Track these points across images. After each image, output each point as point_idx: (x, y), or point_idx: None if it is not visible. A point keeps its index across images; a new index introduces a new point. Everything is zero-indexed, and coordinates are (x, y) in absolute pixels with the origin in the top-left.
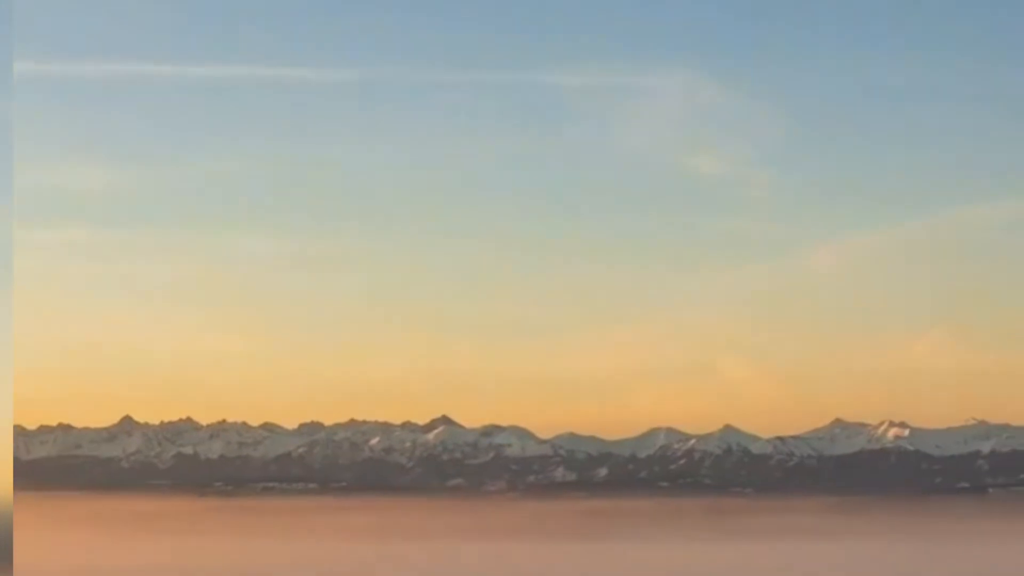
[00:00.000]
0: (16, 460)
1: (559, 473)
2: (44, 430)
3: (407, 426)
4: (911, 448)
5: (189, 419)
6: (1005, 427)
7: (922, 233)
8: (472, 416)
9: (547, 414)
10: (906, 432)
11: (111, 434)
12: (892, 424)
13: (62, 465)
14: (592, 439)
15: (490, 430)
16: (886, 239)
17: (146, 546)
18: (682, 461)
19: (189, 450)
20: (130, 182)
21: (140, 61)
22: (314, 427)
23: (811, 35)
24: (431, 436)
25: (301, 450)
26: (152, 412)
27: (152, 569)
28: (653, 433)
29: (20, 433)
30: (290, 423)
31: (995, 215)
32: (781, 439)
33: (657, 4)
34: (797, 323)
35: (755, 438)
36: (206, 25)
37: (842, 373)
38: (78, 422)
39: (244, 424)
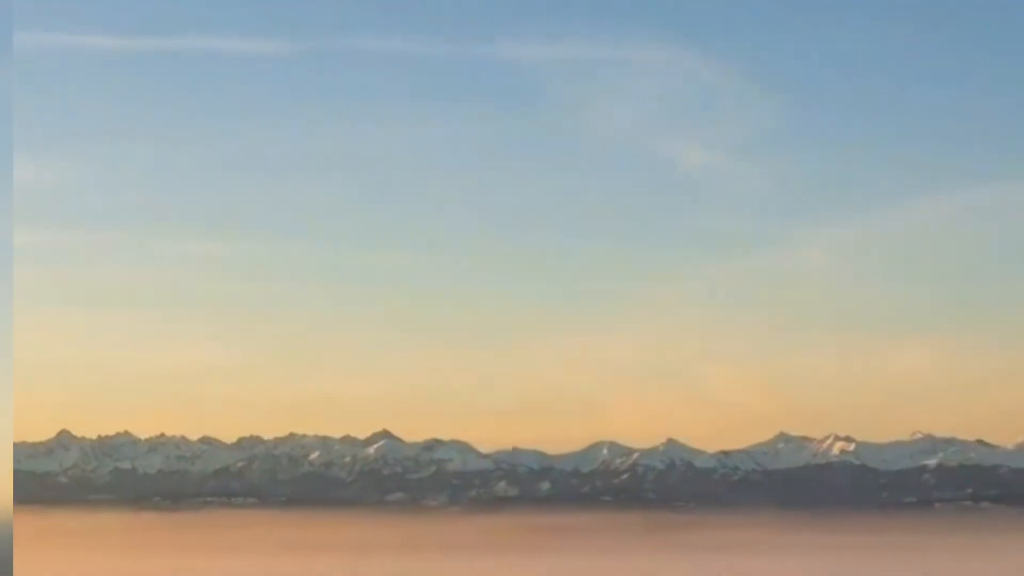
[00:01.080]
0: None
1: (501, 487)
2: None
3: (347, 440)
4: (857, 462)
5: (127, 433)
6: (951, 441)
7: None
8: (413, 430)
9: (489, 428)
10: (852, 446)
11: (48, 448)
12: (838, 438)
13: None
14: (534, 453)
15: (431, 444)
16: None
17: (85, 563)
18: (625, 475)
19: (127, 464)
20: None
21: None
22: (253, 441)
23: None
24: (372, 450)
25: (240, 464)
26: (89, 426)
27: None
28: (596, 447)
29: None
30: (229, 437)
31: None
32: (725, 453)
33: None
34: (742, 332)
35: (699, 452)
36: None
37: (787, 385)
38: (14, 436)
39: (183, 438)
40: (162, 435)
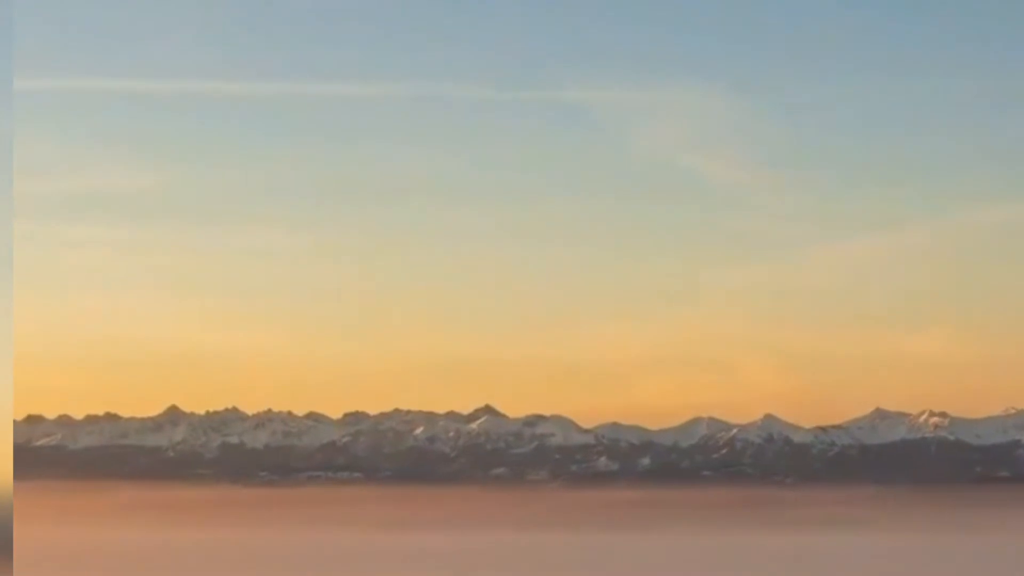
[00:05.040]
0: (63, 449)
1: (602, 463)
2: (91, 420)
3: (451, 415)
4: (951, 438)
5: (235, 409)
6: None
7: (942, 229)
8: (515, 406)
9: (590, 403)
10: (946, 421)
11: (157, 424)
12: (932, 414)
13: (108, 454)
14: (635, 428)
15: (533, 420)
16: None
17: (190, 534)
18: (724, 450)
19: (235, 440)
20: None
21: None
22: (359, 417)
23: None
24: (475, 426)
25: (346, 439)
26: (198, 402)
27: (198, 556)
28: (695, 422)
29: (67, 423)
30: (335, 413)
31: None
32: (822, 428)
33: (666, 25)
34: (831, 315)
35: (796, 427)
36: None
37: (880, 361)
38: (125, 412)
39: (289, 414)
40: (269, 411)
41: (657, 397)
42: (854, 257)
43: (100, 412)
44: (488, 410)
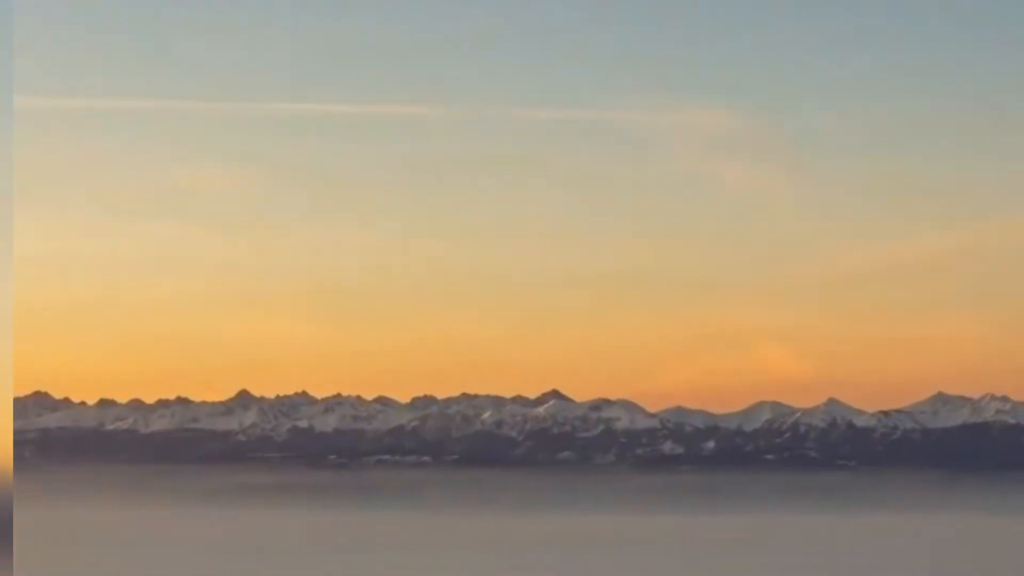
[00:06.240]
0: (135, 433)
1: (667, 446)
2: (162, 404)
3: (518, 400)
4: (1012, 421)
5: (304, 393)
6: None
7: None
8: (581, 390)
9: (655, 387)
10: (1007, 406)
11: (228, 408)
12: (993, 398)
13: (179, 438)
14: (700, 412)
15: (599, 403)
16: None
17: (260, 516)
18: (787, 434)
19: (304, 423)
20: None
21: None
22: (427, 401)
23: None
24: (541, 410)
25: (414, 423)
26: (268, 386)
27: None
28: (759, 407)
29: (138, 407)
30: (403, 397)
31: None
32: (885, 413)
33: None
34: (894, 301)
35: (859, 411)
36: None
37: (941, 345)
38: (196, 396)
39: (358, 398)
40: (338, 395)
41: (722, 380)
42: (915, 250)
43: (171, 396)
44: (555, 394)
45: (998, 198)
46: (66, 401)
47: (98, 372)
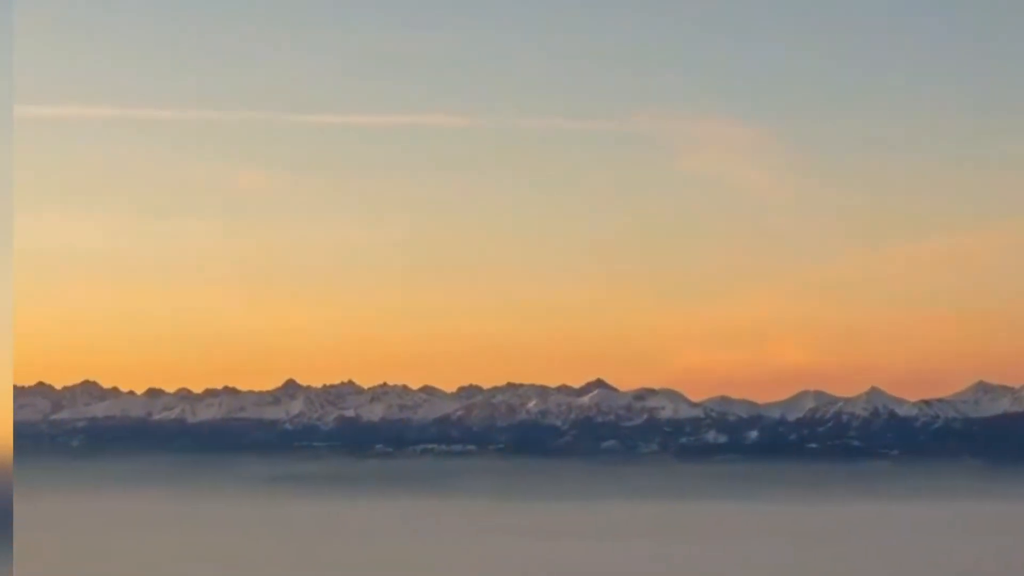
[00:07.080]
0: (182, 422)
1: (711, 435)
2: (210, 393)
3: (563, 389)
4: None
5: (351, 382)
6: None
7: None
8: (626, 379)
9: (698, 376)
10: None
11: (275, 397)
12: None
13: (227, 427)
14: (743, 402)
15: (643, 393)
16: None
17: (307, 506)
18: (830, 423)
19: (351, 413)
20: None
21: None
22: (472, 390)
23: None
24: (586, 399)
25: (459, 413)
26: (315, 376)
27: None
28: (801, 396)
29: (186, 396)
30: (449, 386)
31: None
32: (926, 402)
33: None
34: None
35: (901, 401)
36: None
37: (982, 333)
38: (243, 385)
39: (404, 387)
40: (384, 384)
41: (763, 370)
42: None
43: (219, 385)
44: (599, 384)
45: None
46: (114, 390)
47: (146, 362)
